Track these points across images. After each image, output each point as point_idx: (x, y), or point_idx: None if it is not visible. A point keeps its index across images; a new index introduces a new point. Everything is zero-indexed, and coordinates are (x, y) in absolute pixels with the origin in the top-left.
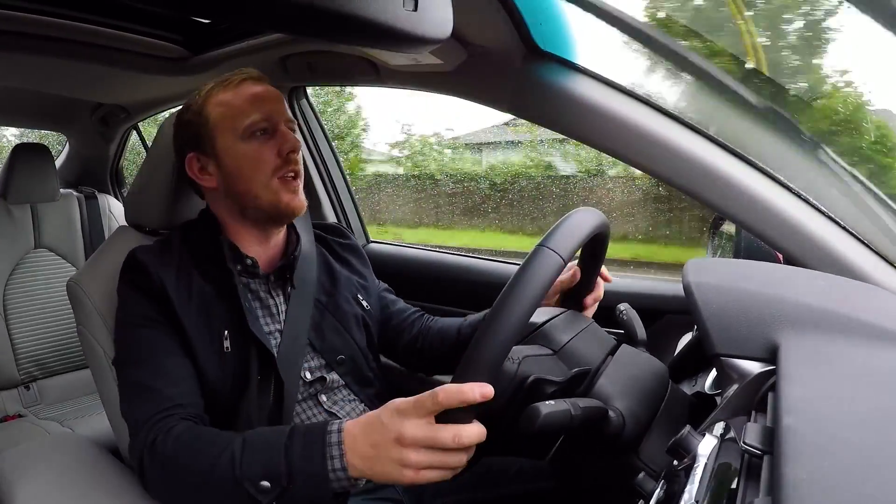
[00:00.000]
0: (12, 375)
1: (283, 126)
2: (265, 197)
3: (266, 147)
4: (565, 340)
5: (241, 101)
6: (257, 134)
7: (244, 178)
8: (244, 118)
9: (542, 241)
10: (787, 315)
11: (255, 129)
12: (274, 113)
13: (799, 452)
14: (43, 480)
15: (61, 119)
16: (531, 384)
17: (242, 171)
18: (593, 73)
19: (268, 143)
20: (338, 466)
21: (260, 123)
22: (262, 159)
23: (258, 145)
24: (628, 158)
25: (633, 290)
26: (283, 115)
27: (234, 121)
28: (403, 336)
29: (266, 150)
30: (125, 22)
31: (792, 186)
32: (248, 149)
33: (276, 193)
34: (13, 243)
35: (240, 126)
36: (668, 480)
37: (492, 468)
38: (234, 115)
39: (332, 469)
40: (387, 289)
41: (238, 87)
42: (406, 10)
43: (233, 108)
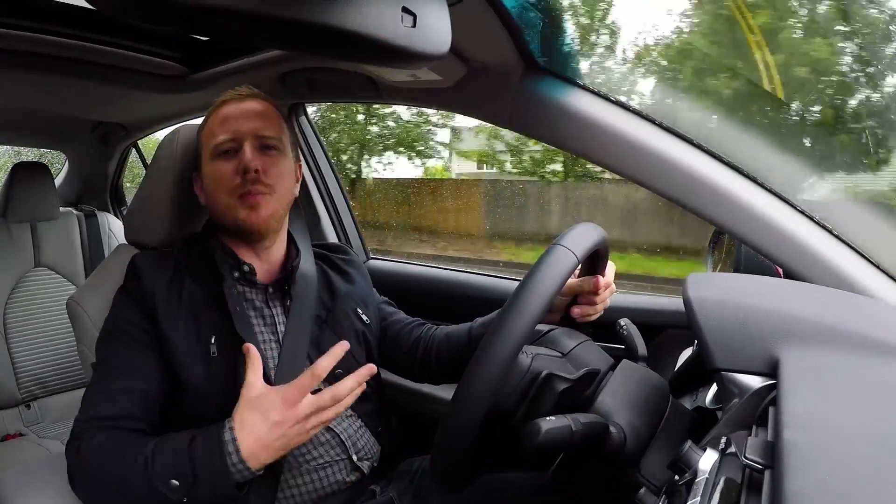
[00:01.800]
0: (13, 394)
1: (250, 144)
2: (227, 215)
3: (228, 166)
4: (571, 346)
5: (215, 121)
6: (223, 154)
7: (212, 196)
8: (213, 138)
9: (556, 240)
10: (787, 329)
11: (221, 149)
12: (241, 131)
13: (800, 467)
14: (43, 500)
15: (60, 137)
16: (544, 379)
17: (210, 189)
18: (592, 89)
19: (230, 161)
20: (236, 460)
21: (226, 144)
22: (223, 178)
23: (222, 164)
24: (627, 174)
25: (634, 305)
26: (251, 131)
27: (208, 141)
28: (402, 345)
29: (227, 168)
30: (124, 40)
31: (791, 200)
32: (214, 168)
33: (233, 210)
34: (13, 262)
35: (209, 146)
36: (669, 495)
37: (492, 486)
38: (208, 136)
39: (232, 463)
40: (386, 301)
41: (220, 108)
42: (405, 27)
43: (209, 128)
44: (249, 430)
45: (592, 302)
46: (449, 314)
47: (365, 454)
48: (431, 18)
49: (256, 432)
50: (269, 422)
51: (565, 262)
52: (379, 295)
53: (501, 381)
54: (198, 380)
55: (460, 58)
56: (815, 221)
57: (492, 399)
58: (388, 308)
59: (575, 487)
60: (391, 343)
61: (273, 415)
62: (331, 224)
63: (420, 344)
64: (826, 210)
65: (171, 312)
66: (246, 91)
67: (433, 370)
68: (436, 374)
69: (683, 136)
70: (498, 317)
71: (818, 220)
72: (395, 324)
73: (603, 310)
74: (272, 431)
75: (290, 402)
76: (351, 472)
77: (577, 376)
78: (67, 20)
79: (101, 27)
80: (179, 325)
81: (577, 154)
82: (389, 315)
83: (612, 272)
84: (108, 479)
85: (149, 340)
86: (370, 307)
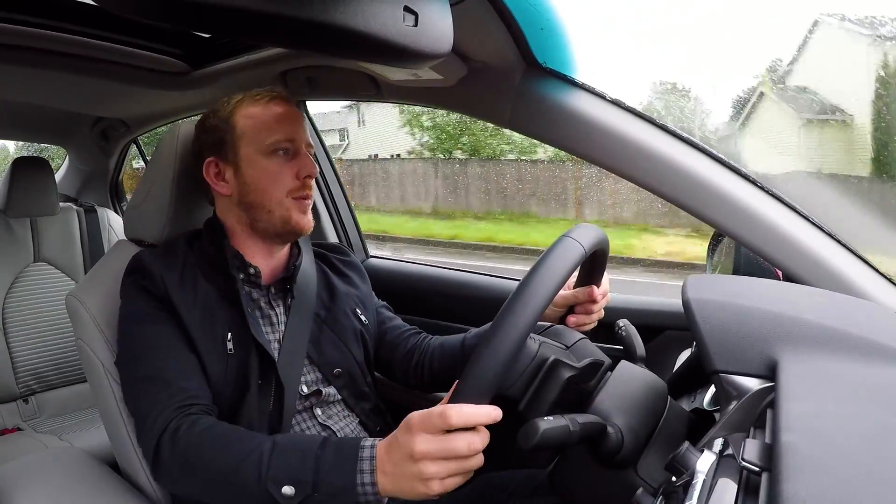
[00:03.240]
0: (11, 389)
1: (304, 149)
2: (277, 212)
3: (286, 167)
4: (574, 340)
5: (269, 117)
6: (279, 153)
7: (259, 191)
8: (270, 135)
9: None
10: (785, 332)
11: (279, 147)
12: (297, 135)
13: (798, 469)
14: (41, 494)
15: (61, 133)
16: (551, 365)
17: (259, 185)
18: (593, 89)
19: (288, 163)
20: (367, 481)
21: (283, 143)
22: (281, 177)
23: (279, 163)
24: (628, 175)
25: (633, 306)
26: (304, 139)
27: (260, 135)
28: (398, 352)
29: (286, 169)
30: (125, 36)
31: (791, 203)
32: (269, 164)
33: (288, 210)
34: (13, 257)
35: (264, 141)
36: (666, 497)
37: (490, 484)
38: (261, 130)
39: (362, 483)
40: (385, 306)
41: (268, 104)
42: (407, 26)
43: (261, 122)
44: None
45: (589, 311)
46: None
47: None
48: (433, 18)
49: (402, 454)
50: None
51: (574, 251)
52: (378, 299)
53: (510, 362)
54: (214, 376)
55: (461, 57)
56: (814, 224)
57: (499, 382)
58: (387, 313)
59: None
60: (388, 349)
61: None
62: (331, 222)
63: (415, 352)
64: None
65: (188, 305)
66: (283, 92)
67: (426, 378)
68: (428, 383)
69: (684, 137)
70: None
71: (818, 222)
72: (392, 330)
73: (598, 320)
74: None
75: (417, 428)
76: None
77: (582, 365)
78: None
79: (103, 23)
80: (196, 318)
81: (578, 155)
82: (388, 320)
83: (606, 282)
84: (212, 471)
85: (176, 322)
86: (369, 309)
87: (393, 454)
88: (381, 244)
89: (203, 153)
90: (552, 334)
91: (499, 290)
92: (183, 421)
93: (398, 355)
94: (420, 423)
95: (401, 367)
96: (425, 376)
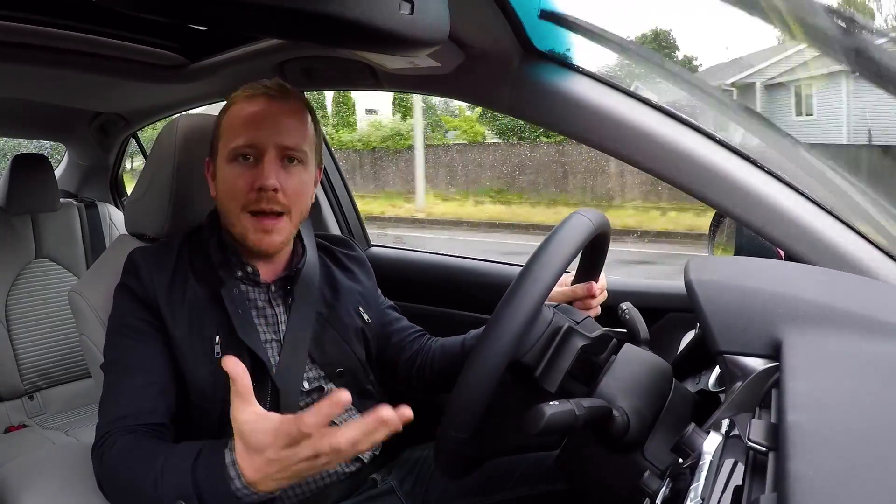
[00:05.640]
0: (16, 385)
1: (272, 155)
2: (236, 227)
3: (244, 176)
4: (582, 317)
5: (238, 118)
6: (240, 159)
7: (221, 201)
8: (232, 139)
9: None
10: (789, 311)
11: (238, 153)
12: (264, 139)
13: (804, 448)
14: (48, 490)
15: (60, 129)
16: (566, 332)
17: (220, 193)
18: (591, 73)
19: (248, 171)
20: (239, 486)
21: (243, 148)
22: (236, 188)
23: (238, 172)
24: (628, 157)
25: (635, 289)
26: (276, 142)
27: (227, 138)
28: (403, 355)
29: (243, 179)
30: (122, 31)
31: (791, 182)
32: (228, 173)
33: (244, 229)
34: (14, 254)
35: (227, 146)
36: (673, 478)
37: (497, 470)
38: (229, 132)
39: (237, 488)
40: (391, 306)
41: (246, 102)
42: (403, 14)
43: (230, 124)
44: (248, 461)
45: (588, 306)
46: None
47: None
48: (429, 5)
49: (254, 465)
50: (263, 458)
51: (584, 224)
52: (384, 297)
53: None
54: (202, 379)
55: (459, 44)
56: (815, 203)
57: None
58: (394, 314)
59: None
60: (393, 350)
61: (269, 453)
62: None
63: (419, 355)
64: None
65: (175, 310)
66: (275, 85)
67: (427, 380)
68: (430, 385)
69: (683, 118)
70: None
71: (818, 201)
72: (399, 332)
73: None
74: (271, 466)
75: (283, 443)
76: (351, 462)
77: (595, 335)
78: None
79: (99, 18)
80: (183, 323)
81: (578, 139)
82: (395, 321)
83: (603, 277)
84: (126, 491)
85: (157, 335)
86: (372, 306)
87: (255, 462)
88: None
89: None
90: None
91: (502, 277)
92: (106, 445)
93: (403, 358)
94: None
95: (404, 370)
96: (427, 378)
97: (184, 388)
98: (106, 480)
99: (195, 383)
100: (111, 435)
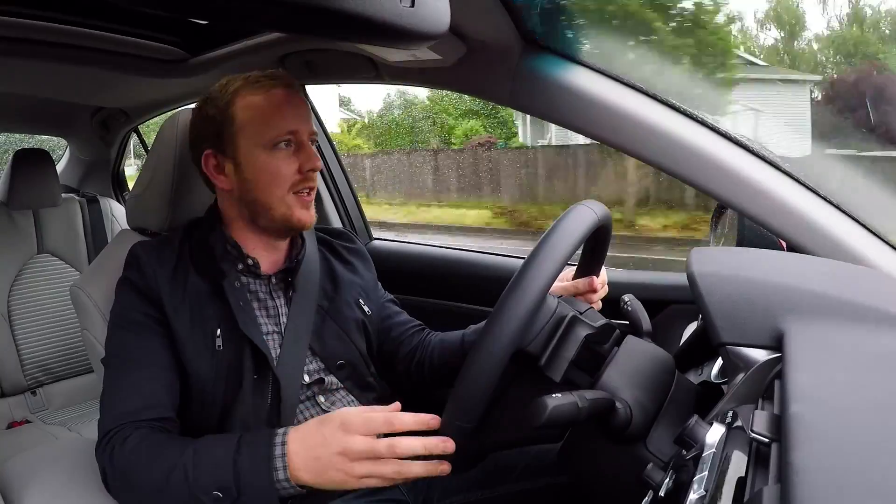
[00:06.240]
0: (18, 381)
1: (307, 140)
2: (279, 209)
3: (288, 161)
4: (584, 308)
5: (270, 108)
6: (281, 146)
7: (260, 188)
8: (271, 128)
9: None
10: (791, 302)
11: (280, 140)
12: (300, 126)
13: (807, 439)
14: (51, 486)
15: (61, 124)
16: (570, 321)
17: (260, 181)
18: (592, 65)
19: (290, 157)
20: (282, 478)
21: (285, 136)
22: (282, 173)
23: (281, 158)
24: (629, 149)
25: (637, 281)
26: (308, 129)
27: (261, 128)
28: (402, 349)
29: (288, 164)
30: (122, 25)
31: (792, 172)
32: (270, 160)
33: (290, 208)
34: (16, 249)
35: (265, 135)
36: (676, 470)
37: (499, 464)
38: (261, 123)
39: (277, 480)
40: (391, 299)
41: (269, 92)
42: (404, 6)
43: (260, 114)
44: (308, 443)
45: (590, 301)
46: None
47: None
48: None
49: (315, 451)
50: (331, 448)
51: (587, 215)
52: (384, 291)
53: (532, 315)
54: (203, 372)
55: (459, 37)
56: (817, 193)
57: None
58: (394, 307)
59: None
60: (392, 344)
61: (346, 439)
62: (333, 205)
63: (418, 350)
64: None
65: (176, 303)
66: (283, 75)
67: (426, 375)
68: (429, 379)
69: (684, 110)
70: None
71: (820, 192)
72: (398, 325)
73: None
74: (332, 460)
75: (356, 429)
76: None
77: (599, 324)
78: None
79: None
80: (184, 316)
81: (579, 131)
82: (395, 314)
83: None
84: (147, 486)
85: (159, 328)
86: (372, 298)
87: (316, 450)
88: None
89: (200, 144)
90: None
91: (504, 269)
92: (116, 443)
93: (401, 352)
94: (361, 424)
95: (403, 364)
96: (425, 373)
97: (185, 382)
98: (119, 477)
99: (196, 376)
100: (119, 431)
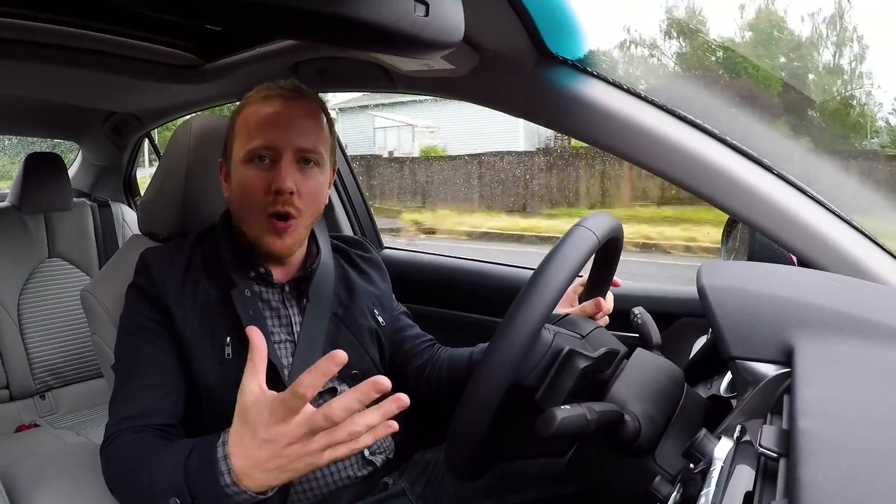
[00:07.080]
0: (28, 385)
1: (289, 157)
2: (252, 229)
3: (261, 178)
4: (589, 329)
5: (256, 119)
6: (256, 161)
7: (237, 203)
8: (248, 140)
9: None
10: (801, 317)
11: (255, 155)
12: (284, 141)
13: (815, 455)
14: (59, 490)
15: (73, 128)
16: (566, 355)
17: (236, 195)
18: (605, 77)
19: (265, 173)
20: (228, 482)
21: (259, 150)
22: (253, 190)
23: (254, 174)
24: (641, 162)
25: (648, 294)
26: (296, 144)
27: (242, 140)
28: (413, 363)
29: (259, 181)
30: (136, 30)
31: (805, 188)
32: (244, 175)
33: (262, 230)
34: (27, 253)
35: (243, 148)
36: (684, 484)
37: (507, 474)
38: (243, 134)
39: (225, 484)
40: (404, 312)
41: (262, 103)
42: (418, 16)
43: (245, 125)
44: (240, 446)
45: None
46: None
47: (378, 448)
48: (444, 7)
49: (246, 450)
50: (257, 439)
51: (587, 240)
52: (398, 304)
53: (525, 353)
54: (212, 380)
55: (473, 47)
56: (828, 209)
57: (514, 373)
58: (407, 321)
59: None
60: (404, 357)
61: (261, 431)
62: (344, 213)
63: (428, 365)
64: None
65: (185, 311)
66: (291, 86)
67: (434, 389)
68: (436, 394)
69: (697, 124)
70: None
71: (831, 207)
72: (411, 339)
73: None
74: (262, 450)
75: (278, 418)
76: (363, 466)
77: (598, 355)
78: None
79: (114, 18)
80: (193, 324)
81: (591, 143)
82: (408, 328)
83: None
84: (126, 488)
85: (168, 335)
86: (386, 309)
87: (254, 455)
88: None
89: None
90: (567, 324)
91: (514, 280)
92: (113, 443)
93: (412, 366)
94: (268, 418)
95: (413, 378)
96: (434, 388)
97: (194, 389)
98: (110, 479)
99: (205, 384)
100: (118, 435)
